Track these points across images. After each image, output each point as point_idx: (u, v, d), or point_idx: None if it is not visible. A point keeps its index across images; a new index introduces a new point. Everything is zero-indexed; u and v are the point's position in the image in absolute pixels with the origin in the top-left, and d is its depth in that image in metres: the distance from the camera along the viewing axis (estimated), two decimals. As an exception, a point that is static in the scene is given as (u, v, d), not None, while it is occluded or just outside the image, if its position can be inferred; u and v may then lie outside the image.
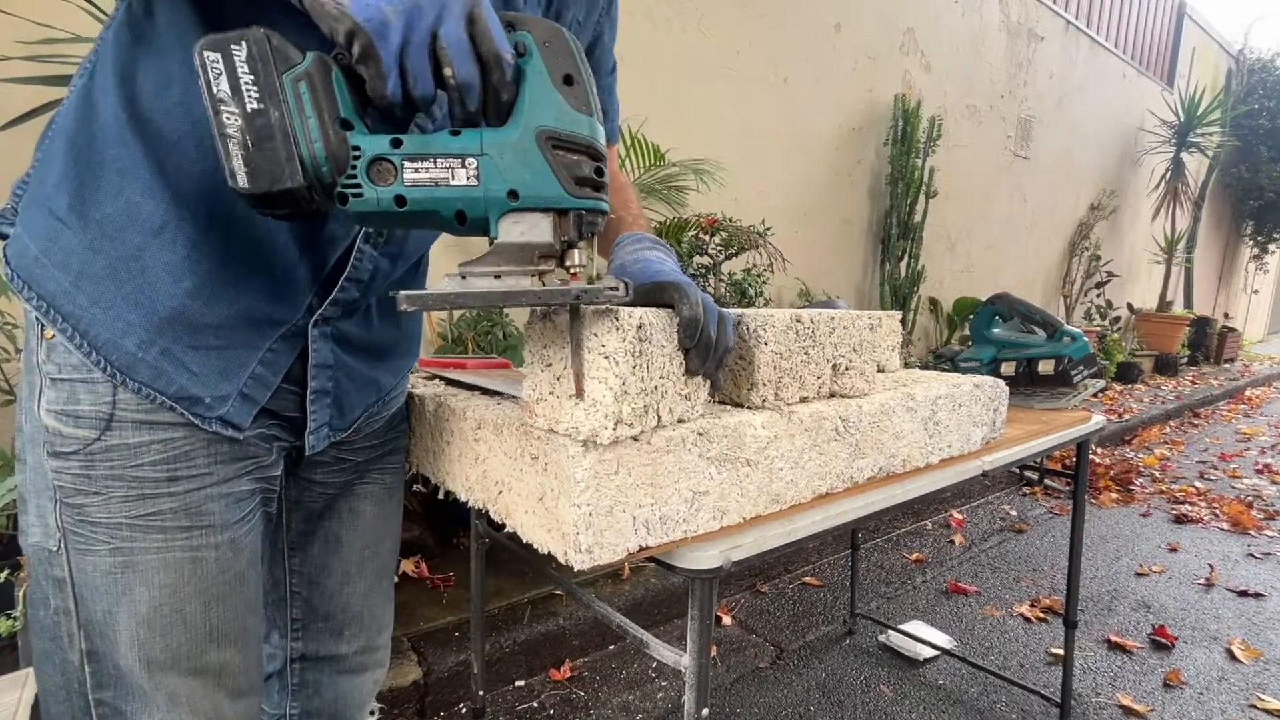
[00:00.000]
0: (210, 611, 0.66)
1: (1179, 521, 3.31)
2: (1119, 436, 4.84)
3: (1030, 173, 6.08)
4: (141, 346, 0.59)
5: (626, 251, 0.77)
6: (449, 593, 2.04)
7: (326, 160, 0.49)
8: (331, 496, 0.84)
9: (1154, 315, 7.75)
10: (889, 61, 4.51)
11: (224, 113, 0.48)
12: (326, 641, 0.90)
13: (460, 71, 0.48)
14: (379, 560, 0.91)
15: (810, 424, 0.82)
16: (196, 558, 0.64)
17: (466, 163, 0.51)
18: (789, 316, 0.81)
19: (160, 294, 0.59)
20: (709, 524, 0.74)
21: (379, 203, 0.51)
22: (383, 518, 0.89)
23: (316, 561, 0.87)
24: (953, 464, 1.06)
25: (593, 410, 0.62)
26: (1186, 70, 8.31)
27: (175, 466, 0.63)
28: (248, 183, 0.49)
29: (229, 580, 0.67)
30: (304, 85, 0.49)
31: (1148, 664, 2.07)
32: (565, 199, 0.53)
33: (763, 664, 2.03)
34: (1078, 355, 1.57)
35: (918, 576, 2.65)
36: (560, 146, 0.52)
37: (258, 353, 0.65)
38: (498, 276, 0.53)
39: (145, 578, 0.63)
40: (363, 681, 0.94)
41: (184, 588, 0.64)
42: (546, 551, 0.66)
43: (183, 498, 0.63)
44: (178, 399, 0.61)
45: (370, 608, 0.91)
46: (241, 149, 0.48)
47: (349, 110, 0.50)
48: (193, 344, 0.61)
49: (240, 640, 0.70)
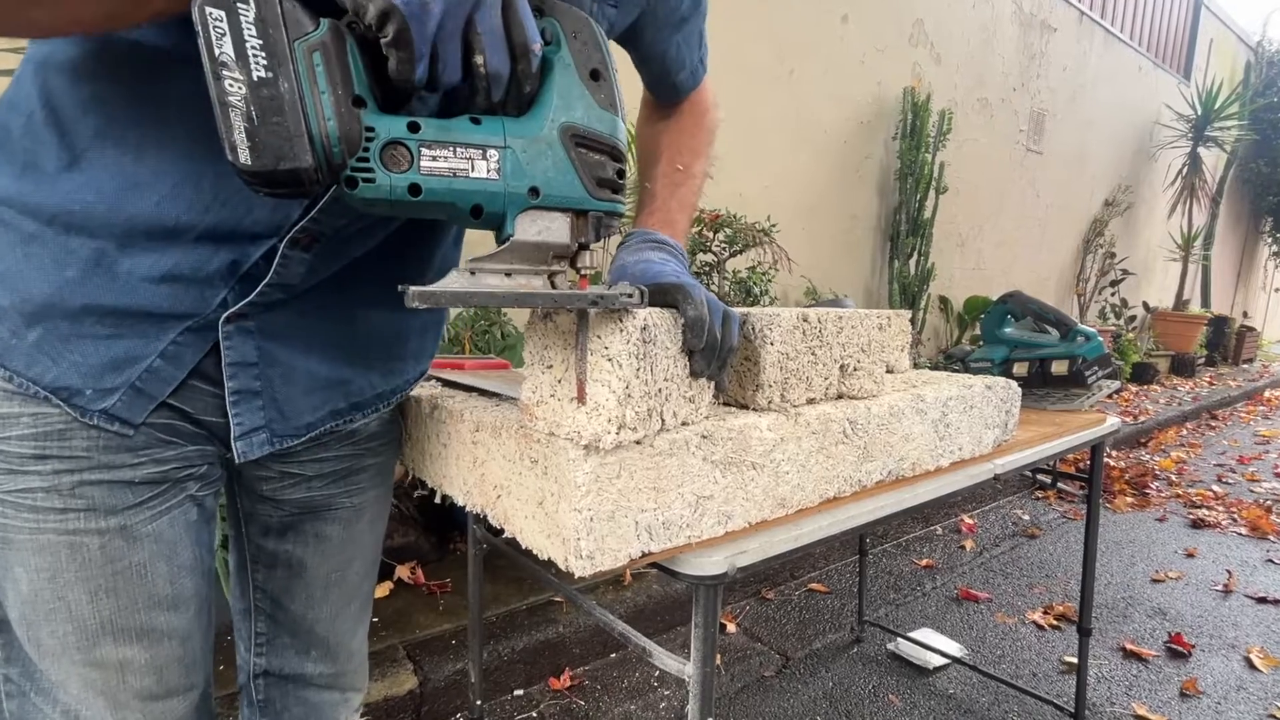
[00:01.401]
0: (99, 603, 0.62)
1: (1196, 526, 3.30)
2: (1134, 439, 4.83)
3: (1043, 168, 6.08)
4: (15, 334, 0.57)
5: (629, 251, 0.77)
6: (446, 599, 2.04)
7: (339, 140, 0.46)
8: (290, 516, 0.80)
9: (1170, 314, 7.74)
10: (898, 53, 4.51)
11: (226, 78, 0.44)
12: (291, 659, 0.86)
13: (493, 61, 0.47)
14: (346, 584, 0.86)
15: (817, 426, 0.81)
16: (75, 543, 0.61)
17: (488, 154, 0.49)
18: (795, 316, 0.81)
19: (36, 279, 0.56)
20: (713, 529, 0.73)
21: (391, 190, 0.48)
22: (350, 540, 0.84)
23: (280, 583, 0.83)
24: (964, 467, 1.06)
25: (595, 414, 0.62)
26: (1203, 63, 8.30)
27: (45, 444, 0.59)
28: (250, 159, 0.45)
29: (120, 572, 0.63)
30: (318, 56, 0.45)
31: (1164, 673, 2.07)
32: (587, 200, 0.52)
33: (768, 673, 2.03)
34: (1092, 355, 1.56)
35: (927, 583, 2.65)
36: (584, 145, 0.51)
37: (158, 344, 0.60)
38: (508, 275, 0.52)
39: (22, 558, 0.60)
40: (332, 698, 0.90)
41: (63, 573, 0.61)
42: (546, 557, 0.66)
43: (51, 478, 0.59)
44: (53, 389, 0.58)
45: (336, 633, 0.87)
46: (245, 121, 0.44)
47: (364, 87, 0.47)
48: (75, 332, 0.58)
49: (146, 638, 0.65)
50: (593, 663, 2.00)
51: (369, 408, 0.78)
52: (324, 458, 0.78)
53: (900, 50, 4.53)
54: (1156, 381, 6.83)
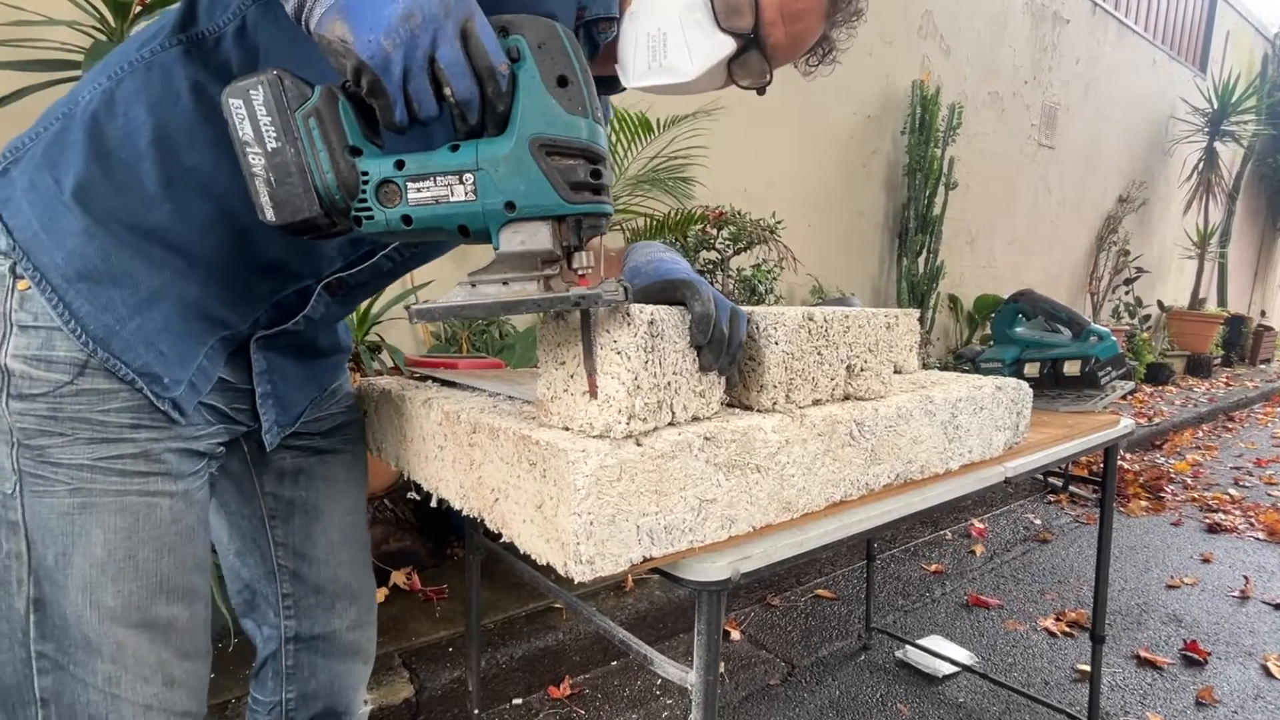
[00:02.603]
0: (161, 561, 0.71)
1: (1212, 531, 3.29)
2: (1149, 441, 4.83)
3: (1055, 163, 6.08)
4: (119, 321, 0.66)
5: (639, 256, 0.83)
6: (442, 606, 2.04)
7: (339, 188, 0.56)
8: (300, 460, 0.92)
9: (1186, 313, 7.73)
10: (907, 46, 4.51)
11: (250, 154, 0.55)
12: (320, 617, 0.96)
13: (459, 89, 0.52)
14: (358, 531, 0.99)
15: (823, 428, 0.81)
16: (151, 503, 0.70)
17: (464, 178, 0.55)
18: (801, 315, 0.81)
19: (143, 279, 0.67)
20: (717, 533, 0.73)
21: (388, 223, 0.57)
22: (353, 483, 0.98)
23: (299, 532, 0.93)
24: (973, 470, 1.06)
25: (606, 406, 0.65)
26: (1220, 55, 8.29)
27: (139, 415, 0.69)
28: (274, 215, 0.57)
29: (180, 531, 0.73)
30: (313, 120, 0.55)
31: (1179, 681, 2.06)
32: (562, 206, 0.55)
33: (773, 681, 2.03)
34: (1105, 356, 1.56)
35: (937, 589, 2.65)
36: (555, 152, 0.54)
37: (204, 346, 0.73)
38: (505, 283, 0.57)
39: (101, 519, 0.68)
40: (354, 664, 1.00)
41: (139, 532, 0.69)
42: (545, 562, 0.66)
43: (144, 444, 0.70)
44: (140, 373, 0.67)
45: (357, 578, 0.98)
46: (266, 186, 0.56)
47: (357, 137, 0.56)
48: (164, 326, 0.69)
49: (188, 597, 0.74)
50: (593, 671, 2.00)
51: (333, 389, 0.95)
52: (319, 417, 0.93)
53: (909, 42, 4.53)
54: (1171, 382, 6.83)
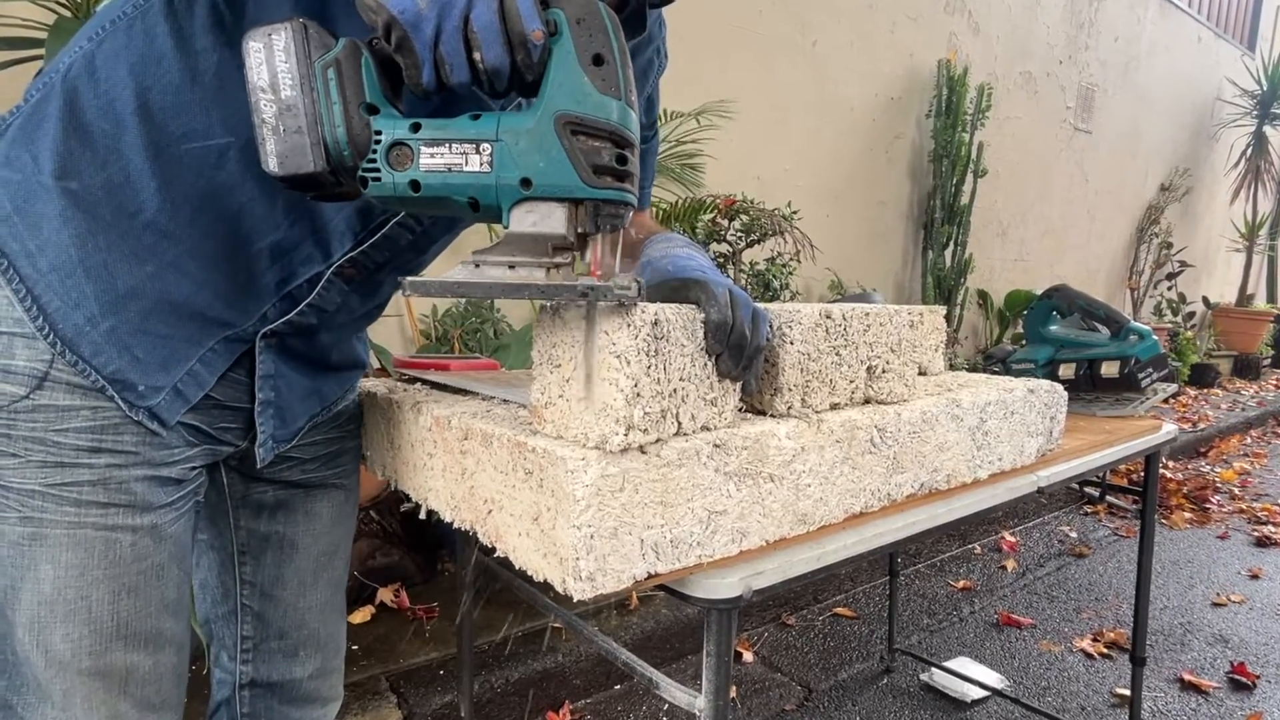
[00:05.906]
0: (119, 603, 0.69)
1: (1261, 544, 3.29)
2: (1193, 448, 4.81)
3: (1092, 149, 6.06)
4: (90, 321, 0.65)
5: (656, 250, 0.82)
6: (433, 625, 2.04)
7: (348, 144, 0.56)
8: (285, 491, 0.89)
9: (1233, 310, 7.70)
10: (932, 22, 4.50)
11: (263, 100, 0.56)
12: (279, 664, 0.93)
13: (489, 56, 0.52)
14: (334, 570, 0.96)
15: (842, 434, 0.81)
16: (110, 538, 0.68)
17: (481, 148, 0.55)
18: (818, 312, 0.80)
19: (121, 272, 0.66)
20: (727, 547, 0.73)
21: (395, 187, 0.56)
22: (338, 522, 0.95)
23: (270, 571, 0.91)
24: (1004, 479, 1.05)
25: (602, 414, 0.62)
26: (1270, 33, 8.26)
27: (101, 437, 0.67)
28: (276, 166, 0.57)
29: (144, 571, 0.70)
30: (331, 72, 0.55)
31: (1226, 706, 2.06)
32: (580, 188, 0.55)
33: (789, 706, 2.03)
34: (1146, 356, 1.56)
35: (964, 607, 2.64)
36: (581, 132, 0.54)
37: (199, 350, 0.70)
38: (512, 267, 0.56)
39: (52, 554, 0.66)
40: (313, 711, 0.97)
41: (92, 570, 0.67)
42: (543, 579, 0.66)
43: (103, 470, 0.67)
44: (111, 380, 0.66)
45: (326, 624, 0.96)
46: (274, 134, 0.56)
47: (375, 95, 0.56)
48: (141, 328, 0.67)
49: (153, 643, 0.72)
50: (595, 695, 2.01)
51: (334, 408, 0.92)
52: (315, 440, 0.90)
53: (935, 18, 4.52)
54: (1218, 384, 6.80)
